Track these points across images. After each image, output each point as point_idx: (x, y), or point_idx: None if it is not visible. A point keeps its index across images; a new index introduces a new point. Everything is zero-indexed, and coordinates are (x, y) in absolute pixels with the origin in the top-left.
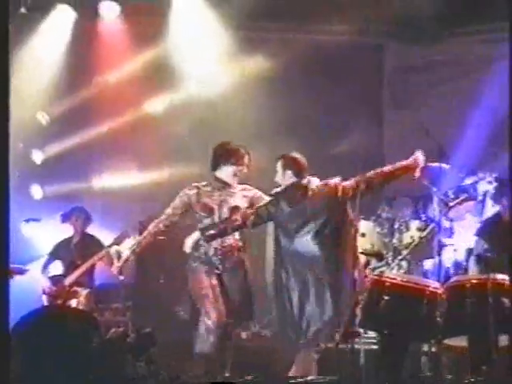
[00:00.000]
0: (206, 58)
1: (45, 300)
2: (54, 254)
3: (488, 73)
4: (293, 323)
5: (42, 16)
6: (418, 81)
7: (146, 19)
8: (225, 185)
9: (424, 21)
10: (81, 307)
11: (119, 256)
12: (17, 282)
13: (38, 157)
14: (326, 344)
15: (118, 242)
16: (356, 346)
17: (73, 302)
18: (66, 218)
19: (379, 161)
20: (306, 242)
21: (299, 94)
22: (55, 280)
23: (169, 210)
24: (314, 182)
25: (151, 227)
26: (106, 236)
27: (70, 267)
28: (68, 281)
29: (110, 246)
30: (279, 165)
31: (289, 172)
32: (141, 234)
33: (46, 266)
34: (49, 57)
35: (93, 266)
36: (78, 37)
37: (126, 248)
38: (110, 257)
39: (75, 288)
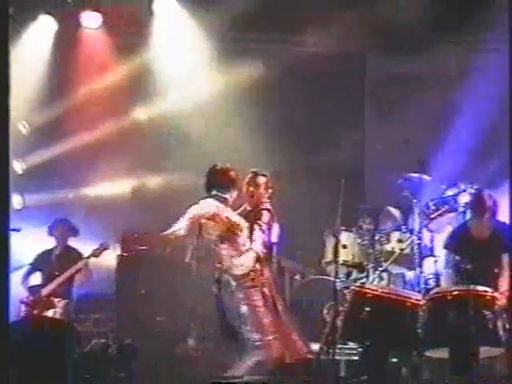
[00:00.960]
0: (188, 68)
1: (22, 310)
2: (35, 265)
3: (470, 83)
4: None
5: (24, 26)
6: (400, 92)
7: (127, 29)
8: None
9: (406, 31)
10: (58, 318)
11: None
12: None
13: (18, 166)
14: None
15: (96, 253)
16: (337, 357)
17: (49, 313)
18: (51, 230)
19: (360, 172)
20: None
21: (281, 104)
22: (33, 290)
23: (197, 211)
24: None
25: (188, 222)
26: (87, 247)
27: (49, 278)
28: (45, 291)
29: (88, 258)
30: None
31: None
32: (123, 245)
33: (26, 277)
34: (30, 67)
35: (71, 278)
36: (60, 47)
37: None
38: (88, 269)
39: (52, 298)
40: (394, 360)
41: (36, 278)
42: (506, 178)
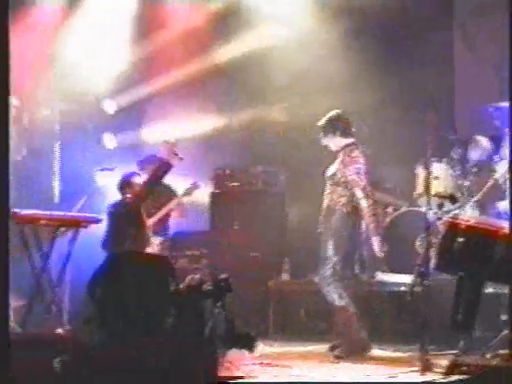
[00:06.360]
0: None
1: None
2: None
3: None
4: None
5: None
6: (490, 21)
7: None
8: None
9: None
10: (155, 253)
11: None
12: (92, 231)
13: (110, 107)
14: None
15: (189, 192)
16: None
17: (147, 250)
18: (142, 165)
19: (450, 102)
20: None
21: (369, 38)
22: None
23: None
24: None
25: None
26: (179, 185)
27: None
28: None
29: (182, 196)
30: None
31: None
32: (216, 182)
33: None
34: (118, 5)
35: (167, 215)
36: None
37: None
38: (182, 207)
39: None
40: (490, 290)
41: None
42: None
